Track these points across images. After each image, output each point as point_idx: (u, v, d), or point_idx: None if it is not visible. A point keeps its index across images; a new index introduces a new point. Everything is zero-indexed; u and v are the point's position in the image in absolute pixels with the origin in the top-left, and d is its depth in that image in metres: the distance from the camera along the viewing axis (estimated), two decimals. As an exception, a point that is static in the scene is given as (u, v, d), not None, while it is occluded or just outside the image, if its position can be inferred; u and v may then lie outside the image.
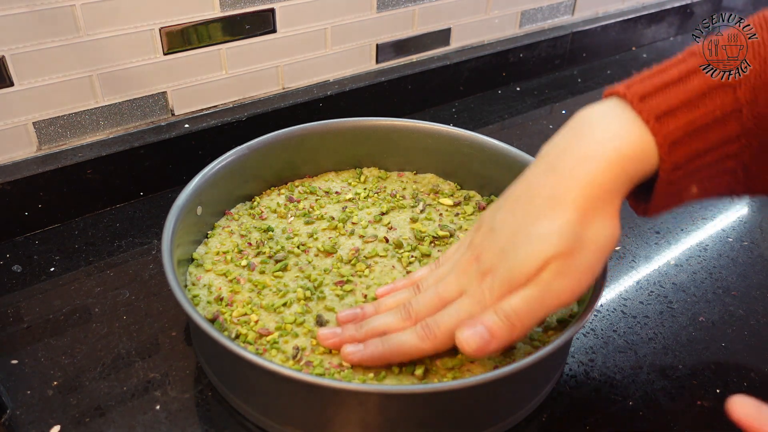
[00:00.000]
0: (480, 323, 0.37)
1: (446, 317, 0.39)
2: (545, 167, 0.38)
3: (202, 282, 0.47)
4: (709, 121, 0.35)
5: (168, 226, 0.45)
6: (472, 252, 0.40)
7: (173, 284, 0.40)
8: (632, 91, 0.36)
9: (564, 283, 0.36)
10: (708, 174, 0.37)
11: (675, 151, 0.35)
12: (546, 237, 0.36)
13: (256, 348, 0.42)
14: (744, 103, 0.35)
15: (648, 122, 0.35)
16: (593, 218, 0.36)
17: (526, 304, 0.36)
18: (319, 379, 0.36)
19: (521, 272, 0.36)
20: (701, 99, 0.35)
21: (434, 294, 0.41)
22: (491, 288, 0.38)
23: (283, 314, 0.45)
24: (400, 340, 0.39)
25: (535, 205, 0.37)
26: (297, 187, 0.58)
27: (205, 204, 0.51)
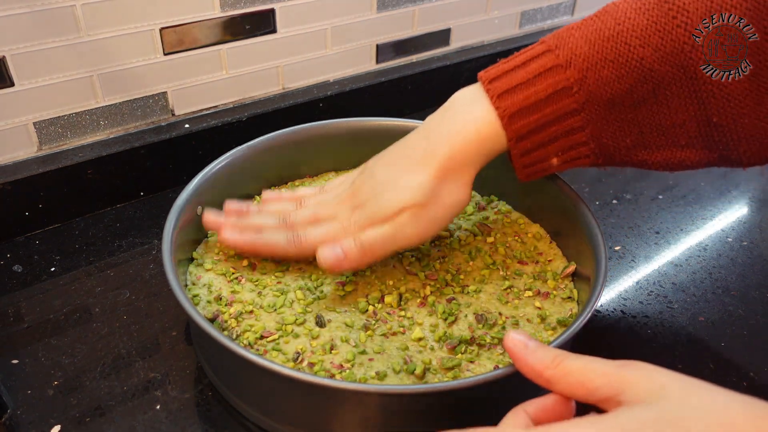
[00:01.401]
0: (339, 245, 0.44)
1: (314, 232, 0.47)
2: (421, 136, 0.46)
3: (202, 281, 0.47)
4: (542, 97, 0.42)
5: (168, 225, 0.45)
6: (352, 189, 0.47)
7: (173, 284, 0.40)
8: (487, 75, 0.44)
9: (413, 227, 0.44)
10: (561, 146, 0.43)
11: (513, 123, 0.42)
12: (407, 188, 0.44)
13: (256, 349, 0.42)
14: (573, 81, 0.41)
15: (491, 99, 0.43)
16: (448, 181, 0.44)
17: (380, 237, 0.44)
18: (319, 379, 0.36)
19: (382, 212, 0.44)
20: (536, 78, 0.42)
21: (311, 212, 0.48)
22: (357, 220, 0.45)
23: (284, 314, 0.45)
24: (271, 238, 0.47)
25: (407, 163, 0.45)
26: (297, 187, 0.58)
27: (206, 204, 0.51)
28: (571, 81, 0.41)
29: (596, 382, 0.30)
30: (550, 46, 0.42)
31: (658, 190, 0.67)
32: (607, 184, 0.68)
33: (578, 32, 0.42)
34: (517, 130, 0.42)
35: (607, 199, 0.65)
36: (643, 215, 0.63)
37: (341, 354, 0.42)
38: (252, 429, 0.41)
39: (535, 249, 0.52)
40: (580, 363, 0.32)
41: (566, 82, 0.41)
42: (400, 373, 0.40)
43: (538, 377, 0.33)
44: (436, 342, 0.43)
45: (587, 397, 0.31)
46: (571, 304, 0.47)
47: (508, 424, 0.31)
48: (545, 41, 0.43)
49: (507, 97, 0.42)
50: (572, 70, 0.41)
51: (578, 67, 0.41)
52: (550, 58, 0.42)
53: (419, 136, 0.46)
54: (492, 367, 0.41)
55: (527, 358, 0.33)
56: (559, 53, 0.41)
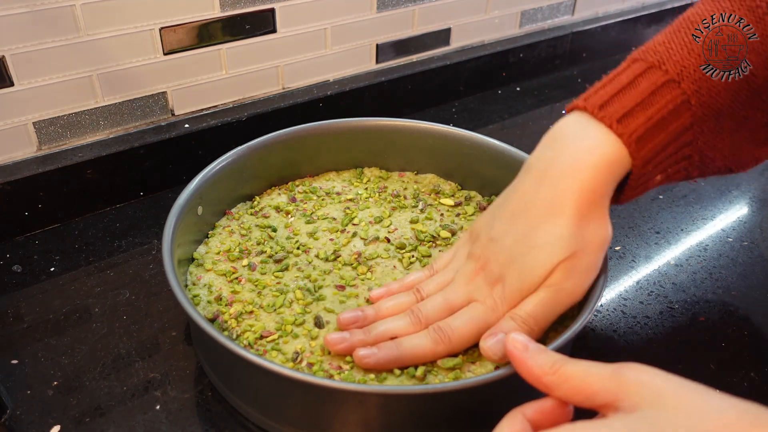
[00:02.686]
0: (500, 331, 0.39)
1: (459, 322, 0.41)
2: (536, 179, 0.41)
3: (203, 282, 0.47)
4: (665, 115, 0.39)
5: (168, 225, 0.45)
6: (476, 261, 0.43)
7: (173, 284, 0.40)
8: (591, 103, 0.40)
9: (573, 282, 0.40)
10: (671, 162, 0.41)
11: (642, 147, 0.39)
12: (551, 243, 0.39)
13: (256, 349, 0.42)
14: (690, 94, 0.39)
15: (611, 127, 0.39)
16: (589, 221, 0.40)
17: (540, 307, 0.40)
18: (319, 379, 0.36)
19: (533, 279, 0.40)
20: (653, 97, 0.39)
21: (442, 300, 0.42)
22: (503, 296, 0.40)
23: (283, 314, 0.45)
24: (414, 344, 0.40)
25: (534, 215, 0.40)
26: (297, 187, 0.58)
27: (206, 204, 0.51)
28: (687, 94, 0.39)
29: (594, 388, 0.30)
30: (652, 63, 0.40)
31: (659, 190, 0.67)
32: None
33: (675, 45, 0.40)
34: (644, 154, 0.39)
35: (608, 199, 0.65)
36: (644, 215, 0.63)
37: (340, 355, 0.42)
38: (252, 429, 0.41)
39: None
40: (578, 368, 0.31)
41: (683, 96, 0.39)
42: (400, 375, 0.40)
43: (537, 382, 0.32)
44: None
45: (585, 403, 0.31)
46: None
47: (504, 429, 0.31)
48: (640, 58, 0.41)
49: (628, 121, 0.39)
50: (686, 83, 0.39)
51: (691, 79, 0.39)
52: (659, 75, 0.40)
53: (532, 182, 0.41)
54: (493, 368, 0.41)
55: (527, 362, 0.33)
56: (667, 68, 0.39)
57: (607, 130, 0.39)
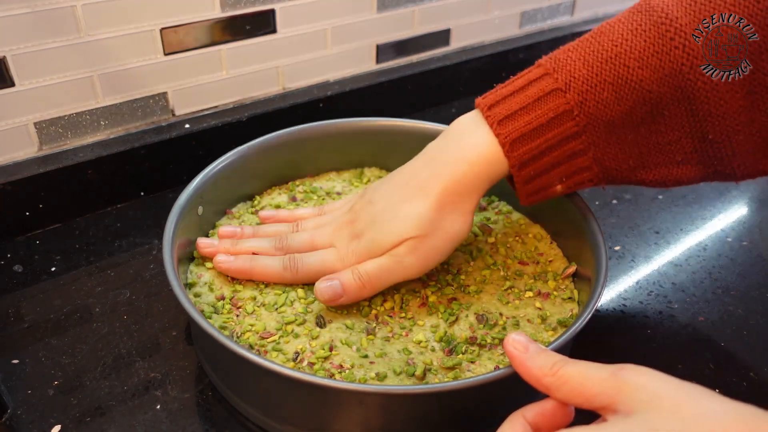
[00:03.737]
0: (337, 278, 0.44)
1: (311, 259, 0.46)
2: (423, 162, 0.45)
3: (203, 280, 0.47)
4: (543, 122, 0.41)
5: (169, 225, 0.45)
6: (351, 215, 0.47)
7: (174, 284, 0.40)
8: (485, 101, 0.44)
9: (413, 259, 0.43)
10: (564, 171, 0.43)
11: (516, 149, 0.41)
12: (407, 218, 0.43)
13: (257, 349, 0.42)
14: (574, 104, 0.41)
15: (492, 126, 0.42)
16: (449, 211, 0.43)
17: (378, 270, 0.43)
18: (319, 379, 0.36)
19: (381, 244, 0.44)
20: (536, 103, 0.41)
21: (309, 237, 0.47)
22: (355, 250, 0.45)
23: (285, 314, 0.45)
24: (266, 263, 0.46)
25: (407, 190, 0.44)
26: (298, 187, 0.58)
27: (207, 203, 0.51)
28: (571, 104, 0.41)
29: (593, 390, 0.30)
30: (548, 69, 0.42)
31: (658, 190, 0.67)
32: (600, 187, 0.68)
33: (575, 54, 0.41)
34: (519, 156, 0.42)
35: (607, 199, 0.65)
36: (643, 215, 0.63)
37: (341, 355, 0.42)
38: (252, 429, 0.41)
39: (535, 249, 0.52)
40: (578, 370, 0.31)
41: (566, 105, 0.41)
42: (400, 374, 0.40)
43: (537, 383, 0.33)
44: (437, 342, 0.43)
45: (585, 405, 0.31)
46: (571, 305, 0.47)
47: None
48: (542, 64, 0.43)
49: (508, 123, 0.42)
50: (572, 93, 0.41)
51: (577, 90, 0.41)
52: (549, 82, 0.41)
53: (421, 163, 0.45)
54: (492, 368, 0.41)
55: (527, 363, 0.33)
56: (557, 76, 0.41)
57: (489, 130, 0.42)
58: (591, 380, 0.31)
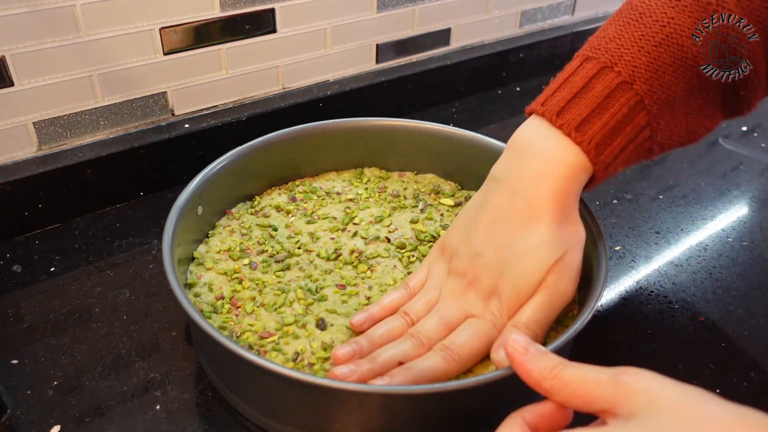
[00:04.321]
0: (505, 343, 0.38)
1: (464, 337, 0.41)
2: (508, 191, 0.42)
3: (203, 281, 0.47)
4: (620, 118, 0.40)
5: (169, 225, 0.45)
6: (462, 277, 0.43)
7: (174, 284, 0.40)
8: (548, 109, 0.42)
9: (565, 283, 0.41)
10: (632, 157, 0.43)
11: (600, 152, 0.41)
12: (539, 248, 0.40)
13: (256, 349, 0.42)
14: (643, 94, 0.40)
15: (569, 134, 0.40)
16: (567, 223, 0.41)
17: (540, 311, 0.40)
18: (319, 379, 0.36)
19: (528, 285, 0.40)
20: (607, 101, 0.40)
21: (439, 320, 0.42)
22: (500, 307, 0.41)
23: (284, 314, 0.45)
24: (426, 366, 0.40)
25: (514, 224, 0.41)
26: (297, 187, 0.58)
27: (206, 203, 0.51)
28: (640, 94, 0.40)
29: (593, 394, 0.30)
30: (605, 63, 0.41)
31: (659, 190, 0.67)
32: (607, 184, 0.67)
33: (626, 41, 0.41)
34: (605, 159, 0.41)
35: (607, 199, 0.65)
36: (644, 215, 0.63)
37: None
38: (252, 429, 0.41)
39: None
40: (578, 373, 0.31)
41: (636, 97, 0.40)
42: None
43: (537, 386, 0.32)
44: None
45: (585, 408, 0.31)
46: (571, 305, 0.46)
47: None
48: (592, 57, 0.42)
49: (585, 129, 0.40)
50: (639, 84, 0.40)
51: (643, 79, 0.40)
52: (612, 76, 0.40)
53: (504, 193, 0.42)
54: (493, 368, 0.41)
55: (527, 365, 0.33)
56: (619, 69, 0.40)
57: (567, 139, 0.41)
58: (591, 383, 0.31)
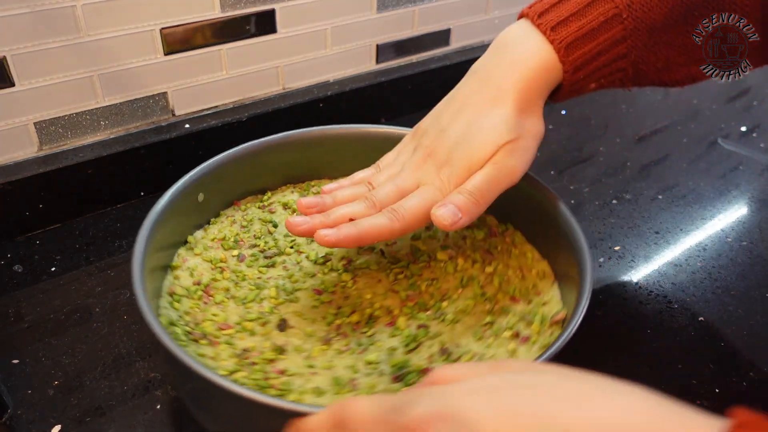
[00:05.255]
0: (449, 202, 0.42)
1: (412, 201, 0.43)
2: (481, 78, 0.45)
3: (187, 264, 0.47)
4: (595, 26, 0.43)
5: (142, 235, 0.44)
6: (424, 151, 0.46)
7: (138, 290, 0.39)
8: (533, 10, 0.44)
9: (513, 161, 0.43)
10: (604, 73, 0.44)
11: (570, 53, 0.43)
12: (496, 126, 0.43)
13: (209, 339, 0.41)
14: (622, 7, 0.42)
15: (545, 33, 0.43)
16: (528, 113, 0.44)
17: (486, 181, 0.42)
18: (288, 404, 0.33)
19: (479, 156, 0.43)
20: (587, 8, 0.43)
21: (393, 186, 0.45)
22: (450, 175, 0.43)
23: (250, 309, 0.44)
24: (371, 222, 0.43)
25: (479, 106, 0.44)
26: (313, 187, 0.58)
27: (211, 192, 0.51)
28: (620, 8, 0.42)
29: None
30: None
31: (658, 190, 0.67)
32: (607, 184, 0.68)
33: None
34: (573, 61, 0.43)
35: (607, 199, 0.65)
36: (643, 215, 0.63)
37: (288, 361, 0.40)
38: (252, 429, 0.41)
39: (533, 287, 0.47)
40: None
41: (615, 9, 0.42)
42: (339, 394, 0.38)
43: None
44: (389, 366, 0.40)
45: None
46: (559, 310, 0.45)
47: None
48: None
49: (561, 29, 0.43)
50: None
51: None
52: None
53: (478, 79, 0.46)
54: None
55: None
56: None
57: (543, 37, 0.43)
58: None
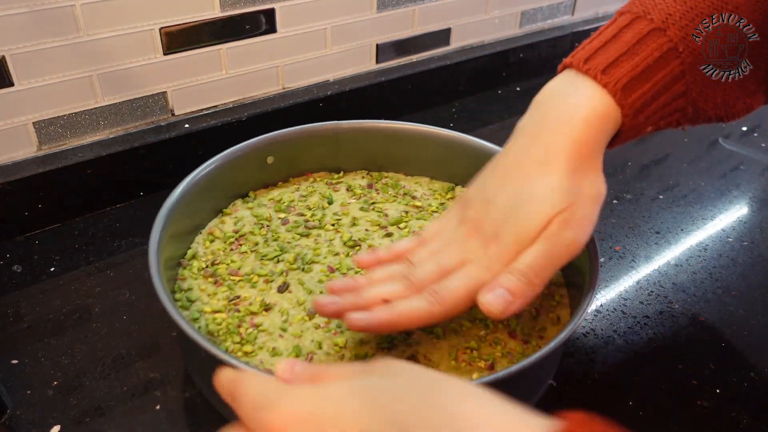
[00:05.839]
0: (498, 286, 0.37)
1: (454, 282, 0.39)
2: (527, 139, 0.40)
3: (236, 214, 0.53)
4: (650, 63, 0.39)
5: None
6: (469, 225, 0.41)
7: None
8: (577, 58, 0.40)
9: (569, 234, 0.38)
10: (663, 114, 0.40)
11: (628, 95, 0.38)
12: (546, 195, 0.38)
13: (215, 280, 0.47)
14: (677, 41, 0.38)
15: (595, 77, 0.39)
16: (583, 174, 0.39)
17: (539, 259, 0.38)
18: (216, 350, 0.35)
19: (528, 232, 0.38)
20: (637, 46, 0.39)
21: (435, 265, 0.40)
22: (498, 253, 0.39)
23: (264, 265, 0.48)
24: (408, 306, 0.38)
25: (527, 172, 0.39)
26: (385, 178, 0.59)
27: (280, 157, 0.56)
28: (674, 41, 0.38)
29: None
30: (637, 13, 0.40)
31: (659, 190, 0.67)
32: (607, 184, 0.67)
33: None
34: (632, 103, 0.39)
35: (608, 199, 0.65)
36: (644, 215, 0.63)
37: (269, 318, 0.44)
38: (252, 429, 0.41)
39: (540, 330, 0.44)
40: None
41: (670, 43, 0.38)
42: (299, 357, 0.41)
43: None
44: (351, 355, 0.41)
45: None
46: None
47: None
48: (627, 11, 0.40)
49: (612, 71, 0.39)
50: (673, 30, 0.38)
51: (678, 26, 0.38)
52: (644, 24, 0.39)
53: (523, 142, 0.40)
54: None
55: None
56: (652, 17, 0.39)
57: (594, 82, 0.39)
58: None
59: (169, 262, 0.46)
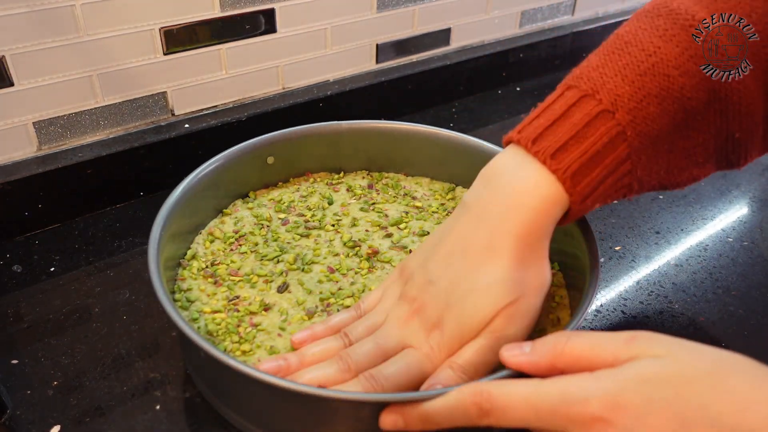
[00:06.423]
0: (438, 382, 0.37)
1: (393, 369, 0.38)
2: (473, 220, 0.39)
3: (237, 214, 0.53)
4: (599, 148, 0.37)
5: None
6: (410, 305, 0.40)
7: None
8: (524, 136, 0.39)
9: (513, 329, 0.38)
10: (609, 193, 0.39)
11: (577, 182, 0.37)
12: (492, 287, 0.37)
13: (215, 280, 0.47)
14: (625, 124, 0.38)
15: (545, 163, 0.37)
16: (529, 264, 0.38)
17: (480, 355, 0.37)
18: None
19: (472, 325, 0.37)
20: (586, 129, 0.38)
21: (374, 345, 0.39)
22: (440, 343, 0.38)
23: (264, 266, 0.48)
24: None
25: (472, 257, 0.38)
26: (385, 178, 0.59)
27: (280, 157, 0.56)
28: (622, 125, 0.38)
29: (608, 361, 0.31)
30: (586, 91, 0.39)
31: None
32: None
33: (609, 70, 0.39)
34: (581, 190, 0.38)
35: (608, 199, 0.65)
36: (644, 215, 0.63)
37: (267, 318, 0.44)
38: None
39: (540, 331, 0.44)
40: (586, 343, 0.31)
41: (618, 127, 0.37)
42: None
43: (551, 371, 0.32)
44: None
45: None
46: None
47: None
48: (573, 85, 0.40)
49: (561, 156, 0.37)
50: (621, 113, 0.38)
51: (626, 109, 0.38)
52: (592, 104, 0.38)
53: (469, 222, 0.40)
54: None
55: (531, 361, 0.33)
56: (601, 97, 0.38)
57: (542, 166, 0.38)
58: (603, 352, 0.31)
59: (168, 262, 0.46)
